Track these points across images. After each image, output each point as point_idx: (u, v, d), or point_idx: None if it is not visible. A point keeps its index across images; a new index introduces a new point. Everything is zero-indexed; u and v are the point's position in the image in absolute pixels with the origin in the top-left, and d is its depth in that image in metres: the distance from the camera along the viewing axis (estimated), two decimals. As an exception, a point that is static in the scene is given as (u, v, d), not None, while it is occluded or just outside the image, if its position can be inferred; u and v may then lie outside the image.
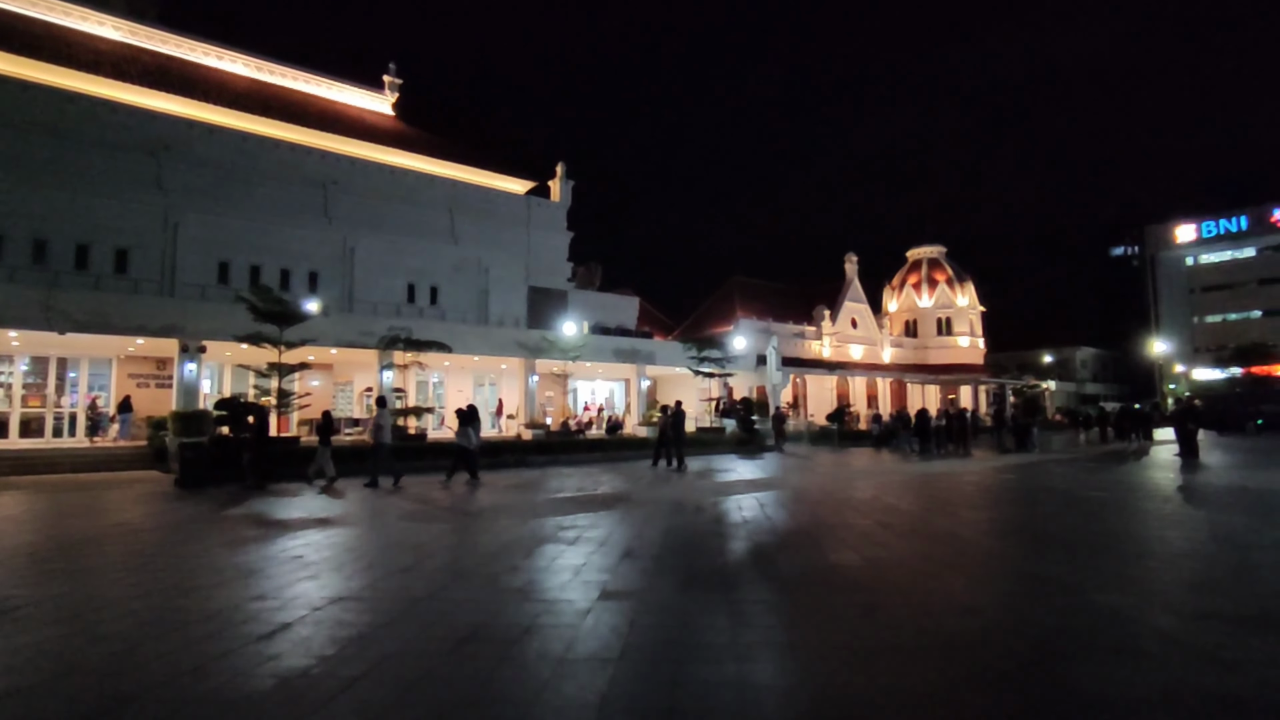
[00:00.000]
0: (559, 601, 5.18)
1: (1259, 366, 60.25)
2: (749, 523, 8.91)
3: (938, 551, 7.09)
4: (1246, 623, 4.59)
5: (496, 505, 10.62)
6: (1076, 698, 3.43)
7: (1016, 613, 4.98)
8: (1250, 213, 73.47)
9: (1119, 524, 8.81)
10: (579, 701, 3.38)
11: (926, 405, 42.44)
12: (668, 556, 6.84)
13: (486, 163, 34.05)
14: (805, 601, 5.24)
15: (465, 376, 31.15)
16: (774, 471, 16.68)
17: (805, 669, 3.85)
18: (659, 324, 44.26)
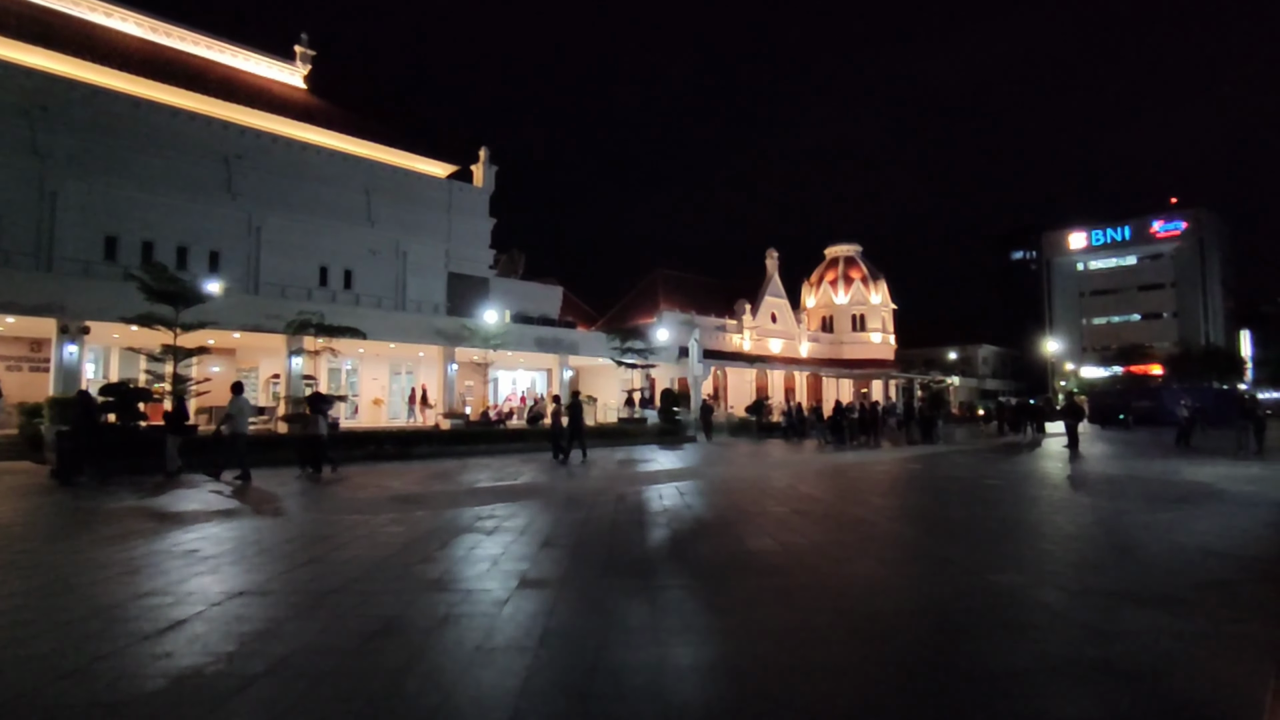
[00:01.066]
0: (477, 591, 5.08)
1: (1137, 366, 65.71)
2: (669, 511, 9.00)
3: (850, 537, 7.36)
4: (1122, 597, 4.98)
5: (411, 496, 10.32)
6: (975, 669, 3.63)
7: (922, 592, 5.23)
8: (1133, 224, 79.85)
9: (1013, 509, 9.40)
10: (497, 689, 3.32)
11: (841, 398, 44.10)
12: (588, 545, 6.83)
13: (406, 144, 32.90)
14: (723, 586, 5.34)
15: (381, 364, 30.12)
16: (695, 462, 16.93)
17: (723, 650, 3.92)
18: (583, 314, 44.08)
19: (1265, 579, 5.48)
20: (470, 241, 32.94)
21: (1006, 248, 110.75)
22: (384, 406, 29.88)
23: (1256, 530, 7.57)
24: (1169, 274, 77.09)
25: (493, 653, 3.81)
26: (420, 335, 26.63)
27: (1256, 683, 3.34)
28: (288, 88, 33.01)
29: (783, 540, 7.06)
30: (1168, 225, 77.67)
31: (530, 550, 6.50)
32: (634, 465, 15.77)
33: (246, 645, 3.91)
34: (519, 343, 29.06)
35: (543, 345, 30.30)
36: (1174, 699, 3.26)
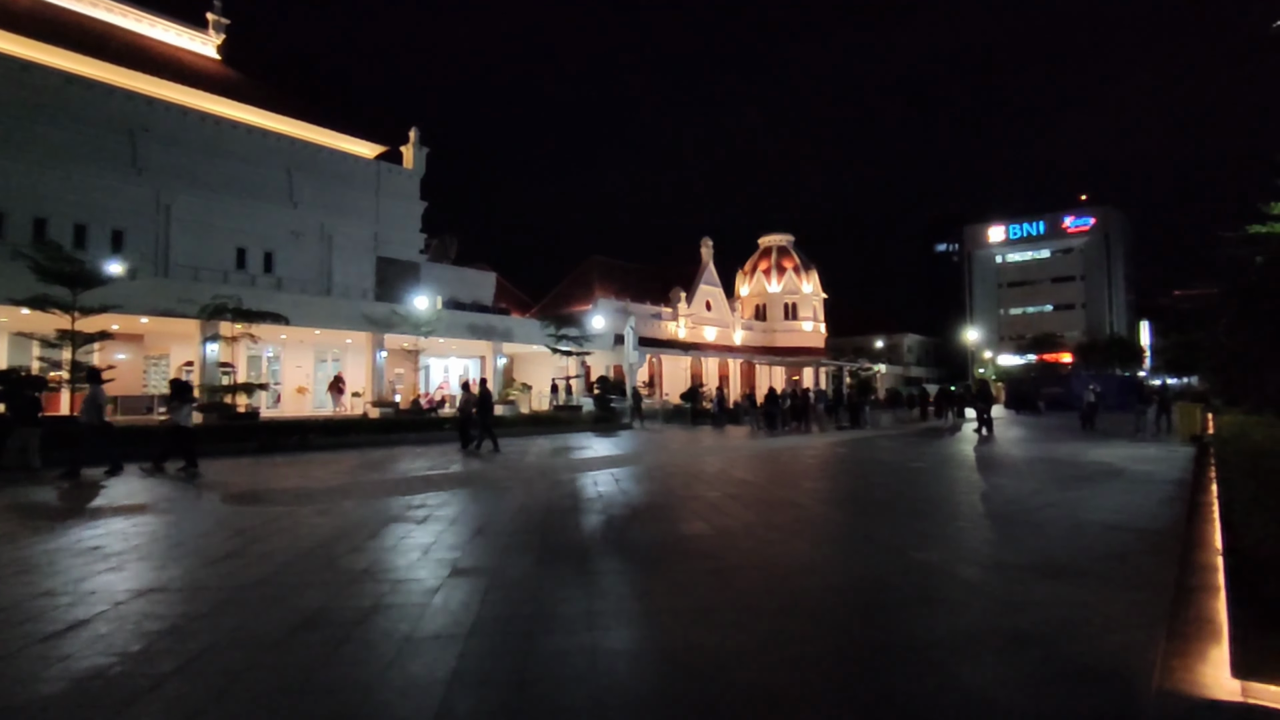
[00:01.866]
0: (406, 581, 4.97)
1: (1049, 354, 69.60)
2: (603, 497, 9.02)
3: (780, 519, 7.55)
4: (1032, 570, 5.29)
5: (338, 487, 10.00)
6: (898, 642, 3.79)
7: (849, 571, 5.41)
8: (1047, 219, 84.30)
9: (935, 490, 9.82)
10: (426, 679, 3.26)
11: (774, 385, 45.06)
12: (521, 532, 6.77)
13: (332, 122, 31.59)
14: (657, 570, 5.39)
15: (305, 351, 28.99)
16: (629, 448, 17.00)
17: (656, 632, 3.96)
18: (517, 301, 43.53)
19: (1157, 550, 5.90)
20: (400, 225, 31.99)
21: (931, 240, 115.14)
22: (309, 395, 28.81)
23: (1150, 506, 8.15)
24: (1079, 267, 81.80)
25: (422, 643, 3.74)
26: (347, 321, 25.75)
27: (1148, 645, 3.60)
28: (199, 58, 31.16)
29: (716, 524, 7.18)
30: (1078, 221, 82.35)
31: (462, 539, 6.40)
32: (568, 453, 15.72)
33: (156, 644, 3.72)
34: (451, 329, 28.47)
35: (475, 332, 29.78)
36: (1076, 663, 3.48)
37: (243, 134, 27.42)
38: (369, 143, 32.52)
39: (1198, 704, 2.91)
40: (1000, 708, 3.02)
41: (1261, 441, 7.27)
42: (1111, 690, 3.18)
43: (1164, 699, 2.97)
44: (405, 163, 32.99)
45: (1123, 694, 3.13)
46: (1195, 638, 3.59)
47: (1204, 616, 3.90)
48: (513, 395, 29.06)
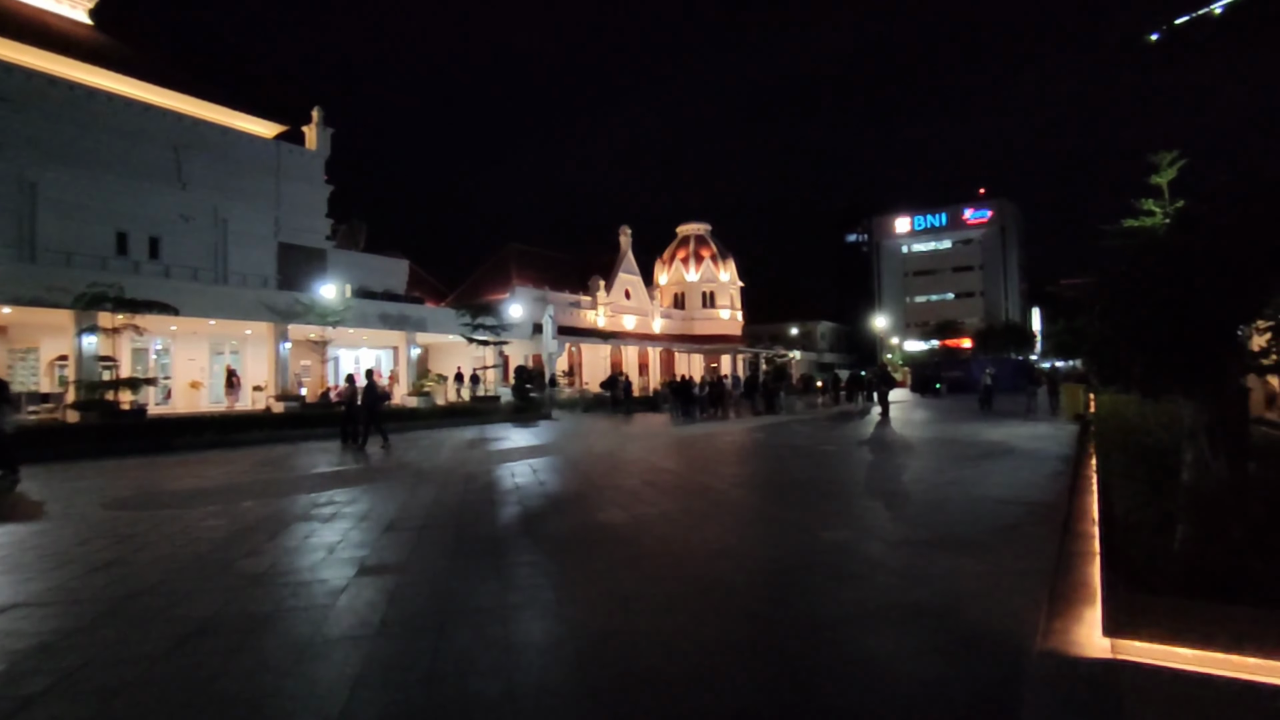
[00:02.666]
0: (309, 583, 4.76)
1: (951, 340, 73.50)
2: (520, 489, 8.92)
3: (697, 505, 7.68)
4: (932, 545, 5.59)
5: (236, 486, 9.47)
6: (806, 619, 3.94)
7: (761, 552, 5.57)
8: (948, 211, 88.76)
9: (845, 471, 10.23)
10: (329, 683, 3.14)
11: (692, 373, 45.72)
12: (435, 527, 6.61)
13: (225, 98, 29.62)
14: (574, 559, 5.39)
15: (199, 343, 27.24)
16: (548, 439, 16.88)
17: (571, 622, 3.95)
18: (432, 290, 42.33)
19: (1043, 521, 6.35)
20: (303, 210, 30.42)
21: (842, 230, 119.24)
22: (204, 390, 27.12)
23: (1039, 481, 8.76)
24: (977, 257, 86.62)
25: (326, 645, 3.60)
26: (246, 311, 24.33)
27: (1033, 610, 3.87)
28: (69, 22, 28.54)
29: (633, 511, 7.23)
30: (976, 214, 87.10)
31: (371, 536, 6.19)
32: (485, 444, 15.46)
33: (22, 663, 3.42)
34: (361, 319, 27.39)
35: (388, 322, 28.77)
36: (968, 631, 3.71)
37: (121, 107, 25.33)
38: (267, 121, 30.73)
39: (1071, 662, 3.16)
40: (897, 676, 3.18)
41: (1132, 419, 7.95)
42: (999, 654, 3.41)
43: (1044, 659, 3.20)
44: (308, 143, 31.37)
45: (1008, 657, 3.36)
46: (1074, 601, 3.89)
47: (1081, 581, 4.23)
48: (428, 386, 28.30)
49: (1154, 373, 3.62)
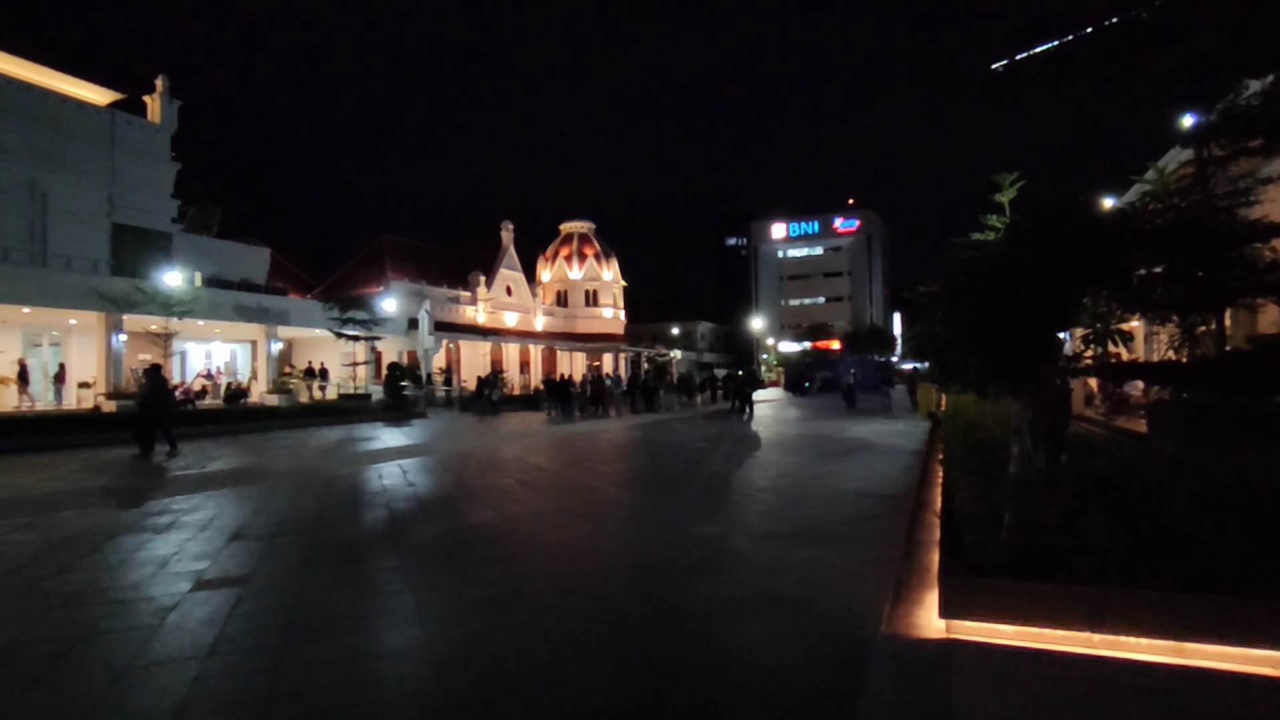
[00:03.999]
0: (133, 601, 4.30)
1: (821, 341, 77.70)
2: (387, 491, 8.53)
3: (570, 503, 7.64)
4: (794, 537, 5.86)
5: (52, 494, 8.43)
6: (670, 613, 4.00)
7: (632, 549, 5.61)
8: (820, 219, 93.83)
9: (717, 468, 10.53)
10: (148, 710, 2.84)
11: (574, 371, 45.65)
12: (289, 534, 6.18)
13: (44, 55, 26.31)
14: (439, 563, 5.20)
15: (10, 333, 24.08)
16: (421, 438, 16.27)
17: (432, 630, 3.80)
18: (297, 282, 39.69)
19: (895, 512, 6.81)
20: (144, 188, 27.58)
21: (723, 234, 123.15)
22: (10, 386, 23.98)
23: (893, 474, 9.41)
24: (846, 264, 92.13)
25: (148, 669, 3.26)
26: (71, 298, 21.76)
27: (880, 595, 4.13)
28: None
29: (506, 512, 7.10)
30: (846, 223, 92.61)
31: (213, 546, 5.69)
32: (352, 445, 14.68)
33: None
34: (213, 310, 25.25)
35: (245, 314, 26.68)
36: (822, 618, 3.90)
37: (-85, 59, 21.95)
38: (99, 87, 27.59)
39: (911, 643, 3.39)
40: (755, 664, 3.29)
41: (973, 416, 8.71)
42: (848, 639, 3.60)
43: (887, 642, 3.42)
44: (150, 115, 28.48)
45: (856, 641, 3.56)
46: (917, 586, 4.18)
47: (925, 567, 4.55)
48: (291, 384, 26.52)
49: (986, 374, 3.95)
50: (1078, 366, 4.83)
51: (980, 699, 2.81)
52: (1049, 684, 2.96)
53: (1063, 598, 3.32)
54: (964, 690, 2.89)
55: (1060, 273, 3.47)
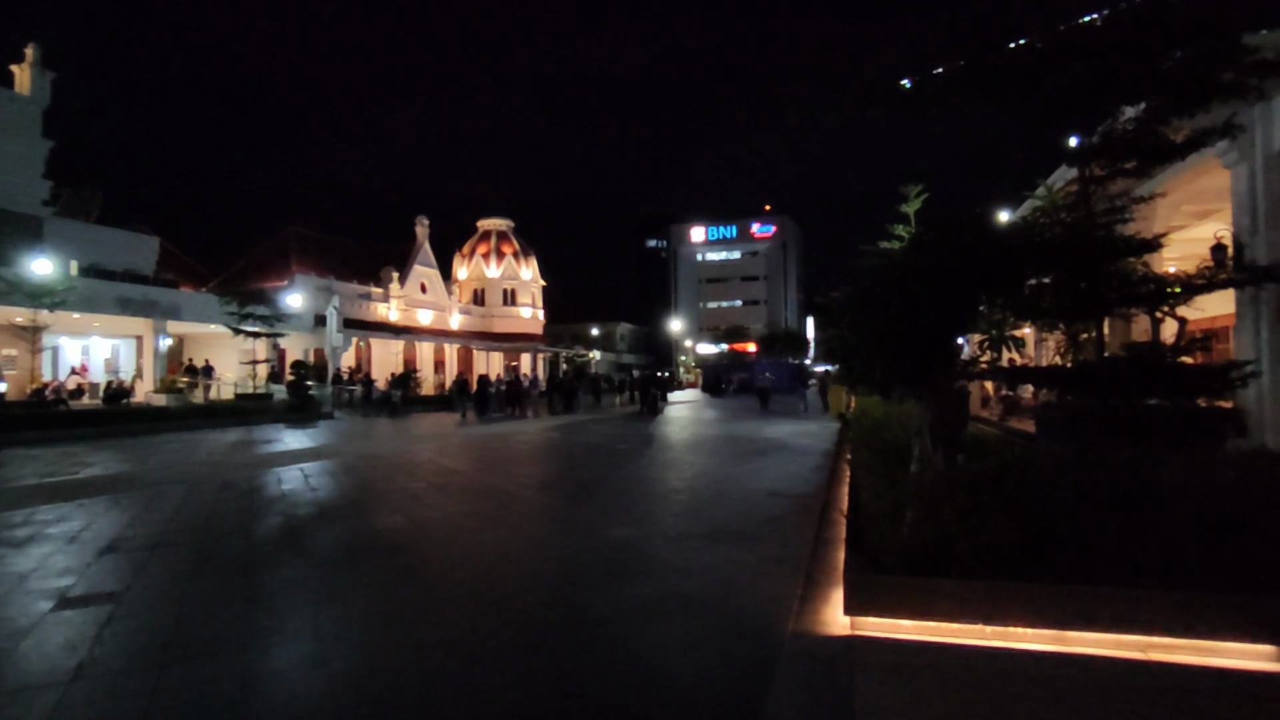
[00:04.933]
0: (-16, 623, 3.89)
1: (738, 344, 79.36)
2: (287, 497, 8.10)
3: (484, 507, 7.47)
4: (707, 538, 5.91)
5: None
6: (582, 618, 3.94)
7: (545, 554, 5.52)
8: (738, 224, 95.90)
9: (634, 469, 10.54)
10: (-8, 749, 2.56)
11: (491, 371, 44.85)
12: (170, 545, 5.76)
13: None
14: (339, 573, 4.96)
15: None
16: (327, 440, 15.57)
17: (326, 645, 3.61)
18: (191, 274, 37.26)
19: (806, 511, 6.99)
20: (9, 166, 25.22)
21: (643, 235, 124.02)
22: None
23: (805, 474, 9.67)
24: (762, 269, 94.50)
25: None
26: (-80, 286, 19.65)
27: (790, 594, 4.21)
28: None
29: (415, 516, 6.86)
30: (763, 228, 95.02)
31: (82, 560, 5.23)
32: (250, 448, 13.88)
33: None
34: (91, 302, 23.36)
35: (129, 307, 24.81)
36: (732, 619, 3.94)
37: None
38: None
39: (817, 641, 3.47)
40: (665, 669, 3.28)
41: (878, 417, 9.07)
42: (758, 639, 3.65)
43: (794, 641, 3.49)
44: (17, 86, 26.10)
45: (766, 641, 3.61)
46: (824, 585, 4.29)
47: (832, 566, 4.68)
48: (182, 383, 24.86)
49: (891, 377, 4.10)
50: (975, 370, 5.11)
51: (880, 693, 2.90)
52: (945, 676, 3.08)
53: (957, 592, 3.48)
54: (865, 686, 2.98)
55: (958, 281, 3.66)
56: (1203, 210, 11.42)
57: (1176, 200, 10.54)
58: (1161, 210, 9.35)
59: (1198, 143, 5.30)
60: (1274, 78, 4.87)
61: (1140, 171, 5.51)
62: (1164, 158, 5.37)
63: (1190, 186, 10.08)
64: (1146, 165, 5.44)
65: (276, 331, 25.77)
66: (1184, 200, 10.80)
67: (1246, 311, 7.78)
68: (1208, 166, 8.81)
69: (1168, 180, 9.11)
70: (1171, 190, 9.91)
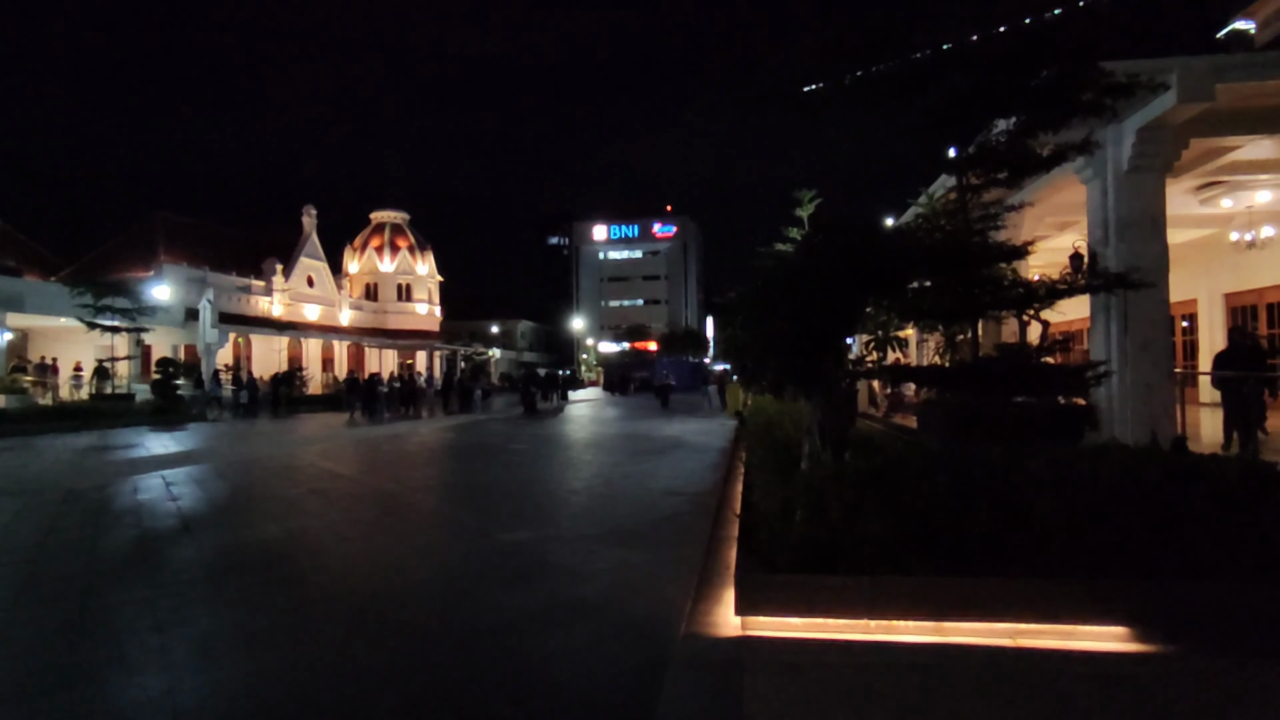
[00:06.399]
0: None
1: (640, 343, 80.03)
2: (144, 507, 7.37)
3: (369, 513, 7.08)
4: (602, 539, 5.83)
5: None
6: (469, 628, 3.75)
7: (432, 562, 5.26)
8: (640, 223, 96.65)
9: (530, 470, 10.33)
10: None
11: (384, 369, 43.09)
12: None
13: None
14: (202, 591, 4.52)
15: None
16: (198, 444, 14.40)
17: (174, 675, 3.25)
18: (38, 261, 33.69)
19: (702, 510, 7.03)
20: None
21: (545, 232, 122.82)
22: None
23: (701, 472, 9.77)
24: (663, 268, 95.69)
25: None
26: None
27: (683, 596, 4.18)
28: None
29: (290, 526, 6.40)
30: (664, 228, 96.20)
31: (-119, 588, 4.52)
32: (106, 453, 12.62)
33: None
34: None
35: (-41, 297, 22.11)
36: (627, 622, 3.86)
37: None
38: None
39: (709, 643, 3.44)
40: (556, 680, 3.16)
41: (772, 415, 9.29)
42: (651, 644, 3.58)
43: (686, 643, 3.44)
44: None
45: (658, 645, 3.55)
46: (716, 584, 4.29)
47: (726, 565, 4.69)
48: (26, 382, 22.38)
49: (782, 376, 4.14)
50: (861, 370, 5.31)
51: (769, 693, 2.90)
52: (831, 672, 3.12)
53: (843, 588, 3.54)
54: (755, 686, 2.96)
55: (845, 283, 3.75)
56: (1063, 222, 12.42)
57: (1040, 212, 11.40)
58: (1027, 221, 10.08)
59: (1060, 157, 5.71)
60: (1125, 99, 5.30)
61: (1011, 182, 5.90)
62: (1031, 170, 5.75)
63: (1052, 200, 10.93)
64: (1016, 176, 5.82)
65: (139, 326, 23.63)
66: (1047, 213, 11.70)
67: (1100, 315, 8.50)
68: (1067, 182, 9.57)
69: (1033, 193, 9.83)
70: (1037, 202, 10.70)
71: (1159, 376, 8.10)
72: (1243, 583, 3.38)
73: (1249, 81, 7.18)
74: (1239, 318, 14.73)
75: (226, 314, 33.15)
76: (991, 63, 5.55)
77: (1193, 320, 16.11)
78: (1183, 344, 15.93)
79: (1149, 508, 3.72)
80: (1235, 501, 3.72)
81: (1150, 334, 8.09)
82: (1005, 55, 5.49)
